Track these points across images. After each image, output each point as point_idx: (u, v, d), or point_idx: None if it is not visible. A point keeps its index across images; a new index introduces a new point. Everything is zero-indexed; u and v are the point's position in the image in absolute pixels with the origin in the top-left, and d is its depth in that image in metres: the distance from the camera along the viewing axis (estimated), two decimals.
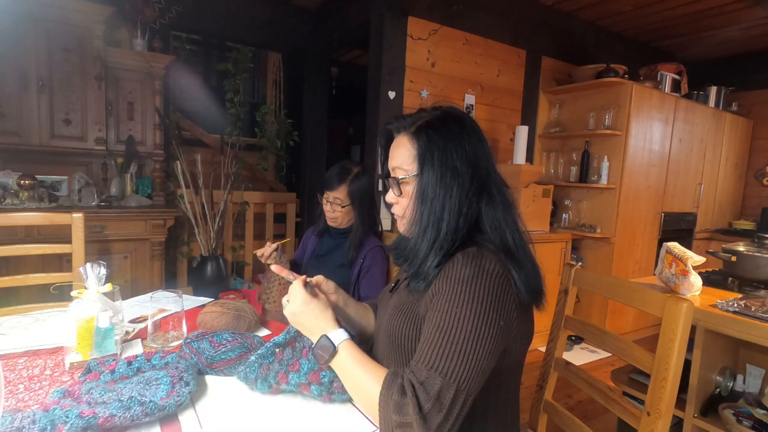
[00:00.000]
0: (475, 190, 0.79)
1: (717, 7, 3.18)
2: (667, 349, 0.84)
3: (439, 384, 0.66)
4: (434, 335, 0.70)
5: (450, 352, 0.68)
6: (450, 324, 0.69)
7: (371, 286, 1.51)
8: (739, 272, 1.62)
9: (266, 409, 0.83)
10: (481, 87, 3.15)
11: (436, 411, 0.64)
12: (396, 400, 0.66)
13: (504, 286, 0.72)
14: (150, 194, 2.99)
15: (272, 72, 4.67)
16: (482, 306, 0.70)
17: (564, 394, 2.35)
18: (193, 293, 1.71)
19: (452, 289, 0.72)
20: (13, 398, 0.81)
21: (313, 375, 0.84)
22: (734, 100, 4.01)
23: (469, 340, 0.68)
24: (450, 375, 0.66)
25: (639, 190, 3.23)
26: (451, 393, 0.65)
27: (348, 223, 1.58)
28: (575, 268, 1.15)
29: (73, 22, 2.56)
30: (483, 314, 0.69)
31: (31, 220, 1.65)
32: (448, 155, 0.78)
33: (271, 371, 0.85)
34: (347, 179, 1.52)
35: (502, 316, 0.71)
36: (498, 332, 0.70)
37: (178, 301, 1.12)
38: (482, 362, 0.68)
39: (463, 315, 0.69)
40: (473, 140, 0.80)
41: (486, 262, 0.73)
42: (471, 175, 0.78)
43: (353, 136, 6.31)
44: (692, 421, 1.39)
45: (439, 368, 0.67)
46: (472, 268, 0.72)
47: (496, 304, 0.70)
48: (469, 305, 0.69)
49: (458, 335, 0.68)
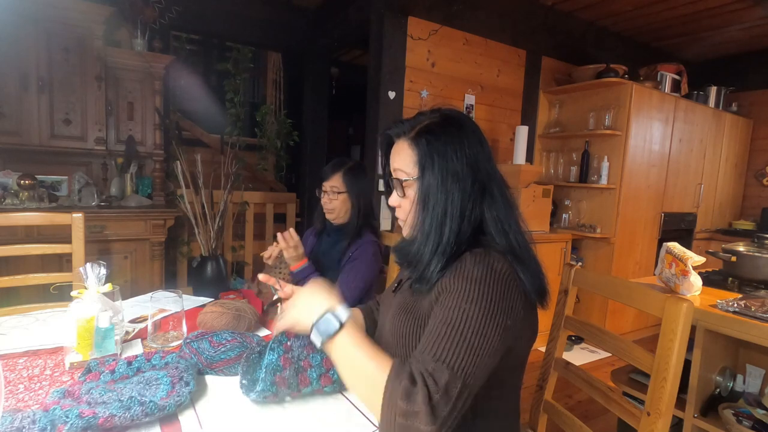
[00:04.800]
0: (477, 192, 0.79)
1: (717, 7, 3.18)
2: (667, 349, 0.84)
3: (447, 376, 0.65)
4: (441, 329, 0.70)
5: (457, 346, 0.68)
6: (459, 319, 0.70)
7: (346, 277, 1.48)
8: (739, 272, 1.62)
9: (266, 409, 0.83)
10: (481, 87, 3.15)
11: (444, 403, 0.64)
12: (406, 386, 0.64)
13: (512, 287, 0.73)
14: (150, 194, 2.99)
15: (272, 72, 4.67)
16: (491, 304, 0.70)
17: (564, 394, 2.35)
18: (193, 293, 1.70)
19: (462, 286, 0.72)
20: (13, 398, 0.81)
21: (324, 378, 0.85)
22: (734, 100, 4.01)
23: (476, 336, 0.68)
24: (457, 369, 0.66)
25: (639, 190, 3.23)
26: (458, 386, 0.65)
27: (345, 216, 1.58)
28: (575, 268, 1.15)
29: (73, 22, 2.56)
30: (491, 312, 0.70)
31: (31, 220, 1.65)
32: (449, 159, 0.78)
33: (280, 394, 0.84)
34: (342, 169, 1.55)
35: (509, 316, 0.71)
36: (504, 331, 0.71)
37: (178, 301, 1.12)
38: (487, 359, 0.69)
39: (472, 311, 0.69)
40: (473, 143, 0.80)
41: (495, 262, 0.73)
42: (472, 178, 0.78)
43: (353, 136, 6.32)
44: (692, 421, 1.39)
45: (446, 361, 0.67)
46: (482, 268, 0.72)
47: (504, 303, 0.71)
48: (478, 303, 0.70)
49: (466, 330, 0.68)
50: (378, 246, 1.58)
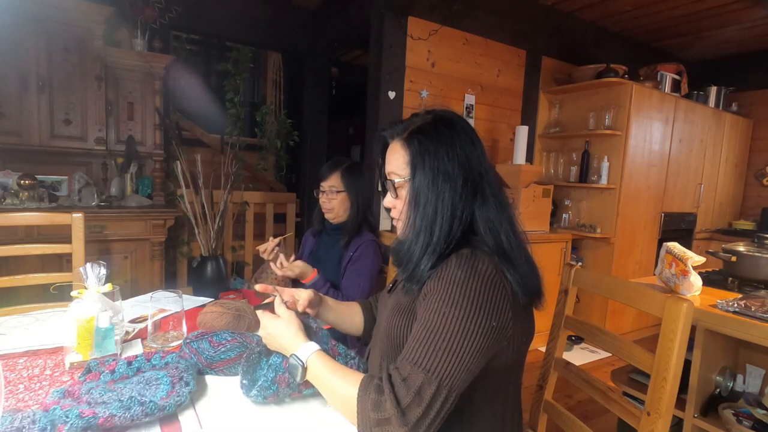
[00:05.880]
0: (468, 192, 0.79)
1: (717, 7, 3.18)
2: (667, 349, 0.84)
3: (421, 379, 0.66)
4: (421, 333, 0.71)
5: (435, 349, 0.68)
6: (437, 322, 0.70)
7: (352, 278, 1.50)
8: (739, 272, 1.61)
9: (266, 409, 0.83)
10: (481, 87, 3.15)
11: (415, 405, 0.65)
12: (373, 398, 0.67)
13: (497, 288, 0.72)
14: (150, 194, 2.99)
15: (272, 72, 4.67)
16: (473, 306, 0.70)
17: (564, 394, 2.35)
18: (193, 293, 1.70)
19: (443, 289, 0.72)
20: (13, 398, 0.81)
21: None
22: (734, 100, 4.01)
23: (455, 338, 0.69)
24: (432, 371, 0.67)
25: (639, 190, 3.23)
26: (432, 388, 0.66)
27: (344, 214, 1.58)
28: (575, 268, 1.15)
29: (73, 22, 2.56)
30: (472, 314, 0.70)
31: (31, 220, 1.65)
32: (440, 159, 0.79)
33: (280, 394, 0.84)
34: (340, 168, 1.56)
35: (493, 317, 0.71)
36: (489, 332, 0.70)
37: (178, 301, 1.12)
38: (468, 361, 0.69)
39: (452, 314, 0.70)
40: (465, 142, 0.80)
41: (479, 264, 0.73)
42: (463, 178, 0.78)
43: (353, 136, 6.32)
44: (692, 421, 1.39)
45: (422, 364, 0.68)
46: (464, 270, 0.72)
47: (487, 305, 0.71)
48: (458, 305, 0.70)
49: (444, 333, 0.69)
50: (377, 244, 1.58)
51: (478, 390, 0.77)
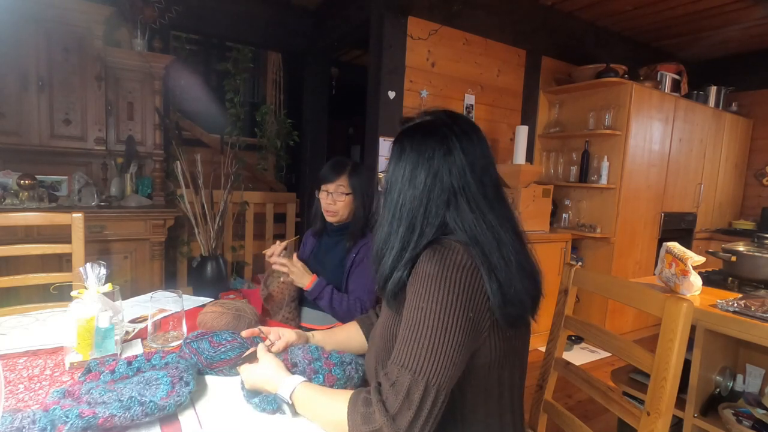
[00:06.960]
0: (442, 201, 0.77)
1: (717, 7, 3.18)
2: (667, 349, 0.84)
3: (408, 381, 0.66)
4: (403, 332, 0.71)
5: (417, 348, 0.68)
6: (416, 320, 0.70)
7: (358, 281, 1.49)
8: (739, 272, 1.61)
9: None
10: (481, 87, 3.15)
11: (405, 409, 0.65)
12: (362, 412, 0.67)
13: (472, 277, 0.71)
14: (150, 194, 2.99)
15: (272, 72, 4.67)
16: (449, 298, 0.69)
17: (564, 394, 2.35)
18: (193, 293, 1.70)
19: (419, 285, 0.72)
20: (13, 398, 0.81)
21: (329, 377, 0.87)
22: (734, 100, 4.01)
23: (435, 334, 0.68)
24: (418, 371, 0.67)
25: (639, 190, 3.23)
26: (420, 389, 0.66)
27: (347, 216, 1.57)
28: (575, 268, 1.15)
29: (73, 22, 2.56)
30: (449, 307, 0.69)
31: (31, 220, 1.65)
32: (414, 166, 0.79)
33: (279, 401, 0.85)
34: (346, 169, 1.53)
35: (470, 308, 0.70)
36: (467, 324, 0.69)
37: (178, 301, 1.12)
38: (451, 355, 0.68)
39: (429, 309, 0.69)
40: (438, 154, 0.77)
41: (450, 253, 0.72)
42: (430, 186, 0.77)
43: (353, 136, 6.32)
44: (692, 421, 1.39)
45: (407, 365, 0.68)
46: (436, 263, 0.71)
47: (463, 295, 0.69)
48: (434, 299, 0.69)
49: (424, 330, 0.69)
50: None
51: (468, 390, 0.76)
